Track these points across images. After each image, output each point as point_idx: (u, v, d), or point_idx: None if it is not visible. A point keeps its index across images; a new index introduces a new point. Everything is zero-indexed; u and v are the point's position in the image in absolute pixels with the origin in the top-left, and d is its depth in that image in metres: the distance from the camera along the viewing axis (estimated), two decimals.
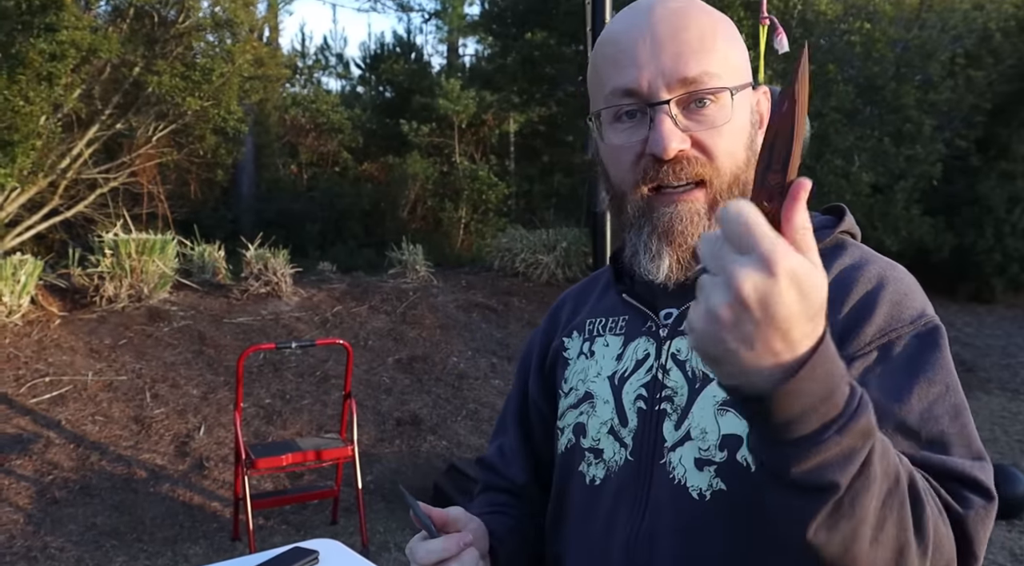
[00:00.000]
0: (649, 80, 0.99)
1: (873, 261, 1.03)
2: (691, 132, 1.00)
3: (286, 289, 7.76)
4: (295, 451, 4.38)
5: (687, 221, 1.00)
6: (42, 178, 7.54)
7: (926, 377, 0.93)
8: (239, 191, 11.56)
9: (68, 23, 6.15)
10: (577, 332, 1.19)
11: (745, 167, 1.02)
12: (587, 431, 1.11)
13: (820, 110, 8.47)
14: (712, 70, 0.99)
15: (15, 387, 5.88)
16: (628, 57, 1.00)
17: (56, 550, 4.57)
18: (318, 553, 2.29)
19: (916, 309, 0.97)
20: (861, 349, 0.94)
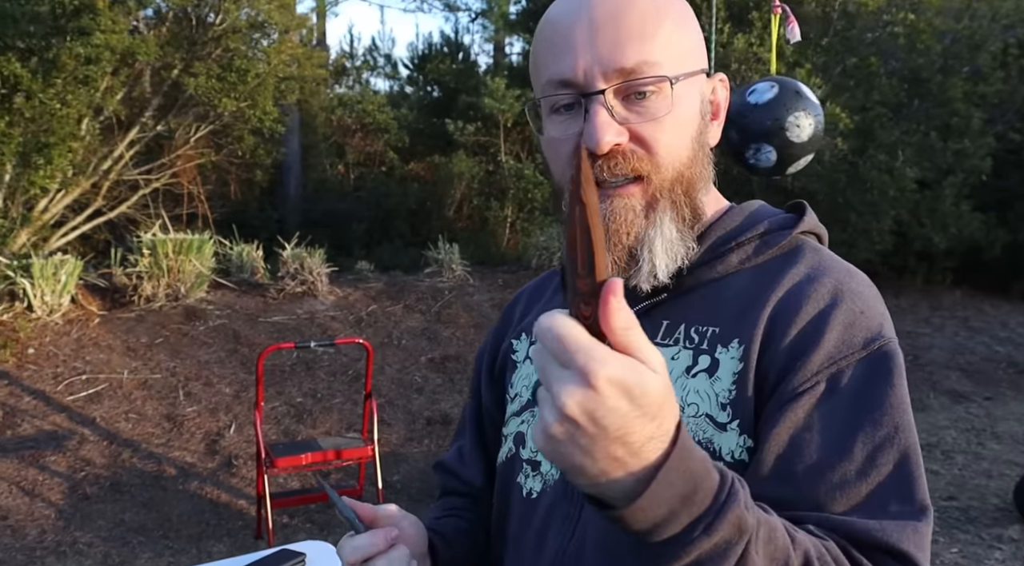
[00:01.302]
0: (585, 69, 0.92)
1: (828, 272, 0.95)
2: (629, 124, 0.93)
3: (322, 288, 7.81)
4: (315, 450, 4.38)
5: (621, 220, 0.94)
6: (85, 180, 7.69)
7: (872, 418, 0.87)
8: (286, 191, 11.66)
9: (105, 27, 6.25)
10: (526, 334, 1.15)
11: (690, 162, 0.96)
12: (526, 441, 1.07)
13: (864, 104, 8.27)
14: (653, 58, 0.92)
15: (53, 384, 6.00)
16: (565, 44, 0.94)
17: (84, 546, 4.64)
18: (305, 555, 2.28)
19: (871, 330, 0.91)
20: (808, 379, 0.88)
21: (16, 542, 4.64)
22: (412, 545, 1.04)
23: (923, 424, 6.38)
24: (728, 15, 8.09)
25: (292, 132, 11.09)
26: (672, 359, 0.95)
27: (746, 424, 0.90)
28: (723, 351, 0.93)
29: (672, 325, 0.98)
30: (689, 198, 0.96)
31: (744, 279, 0.97)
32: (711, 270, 0.99)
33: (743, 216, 1.04)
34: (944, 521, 4.83)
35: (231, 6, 7.61)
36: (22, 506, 4.95)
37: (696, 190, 0.97)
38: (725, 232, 1.01)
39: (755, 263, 0.99)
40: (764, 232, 1.01)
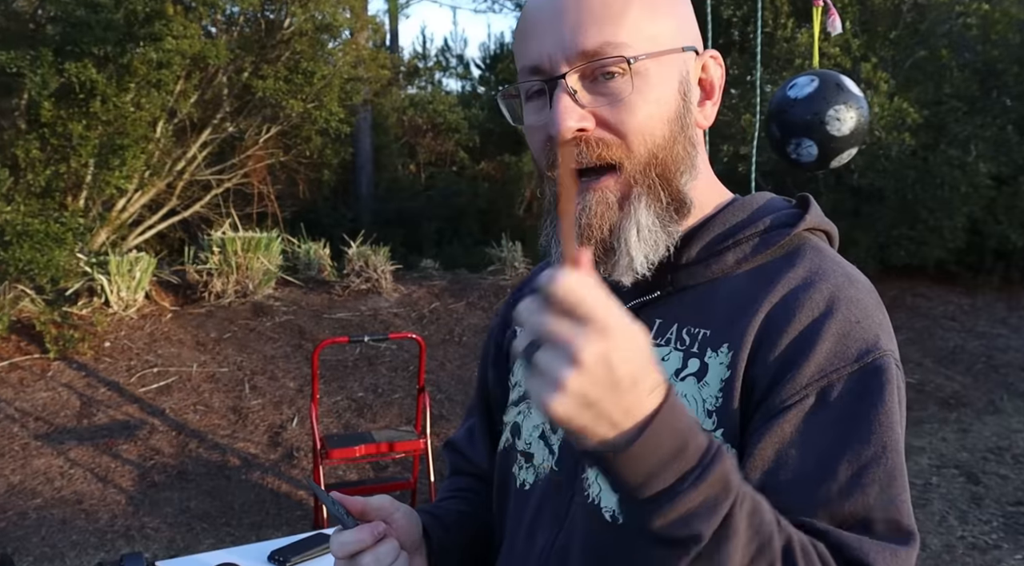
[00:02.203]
0: (550, 54, 0.90)
1: (826, 277, 0.91)
2: (595, 109, 0.90)
3: (386, 285, 7.95)
4: (368, 443, 4.48)
5: (594, 214, 0.91)
6: (160, 180, 7.97)
7: (860, 437, 0.84)
8: (358, 191, 11.87)
9: (176, 33, 6.48)
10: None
11: (666, 144, 0.92)
12: (521, 432, 1.07)
13: (935, 98, 8.05)
14: (617, 39, 0.89)
15: (126, 376, 6.25)
16: (532, 30, 0.93)
17: (152, 530, 4.83)
18: None
19: (866, 342, 0.87)
20: (797, 392, 0.85)
21: (89, 525, 4.85)
22: (404, 536, 1.03)
23: (995, 427, 6.20)
24: (792, 9, 7.97)
25: (364, 132, 11.29)
26: (662, 360, 0.93)
27: (730, 434, 0.88)
28: (712, 355, 0.91)
29: (664, 325, 0.96)
30: (666, 181, 0.92)
31: (740, 280, 0.94)
32: (706, 269, 0.96)
33: (744, 211, 0.99)
34: (1011, 527, 4.70)
35: (298, 9, 7.80)
36: (95, 491, 5.17)
37: (675, 173, 0.93)
38: (723, 229, 0.97)
39: (753, 263, 0.95)
40: (764, 230, 0.97)
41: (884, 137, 7.36)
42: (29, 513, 4.92)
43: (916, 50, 8.25)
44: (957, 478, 5.25)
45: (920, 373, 7.26)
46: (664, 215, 0.93)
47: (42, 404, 5.91)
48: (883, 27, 8.23)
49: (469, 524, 1.17)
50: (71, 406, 5.92)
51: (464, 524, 1.16)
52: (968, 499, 4.94)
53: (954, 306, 8.62)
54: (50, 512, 4.94)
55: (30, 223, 5.80)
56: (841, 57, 7.37)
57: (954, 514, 4.75)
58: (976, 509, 4.81)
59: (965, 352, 7.70)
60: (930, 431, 6.12)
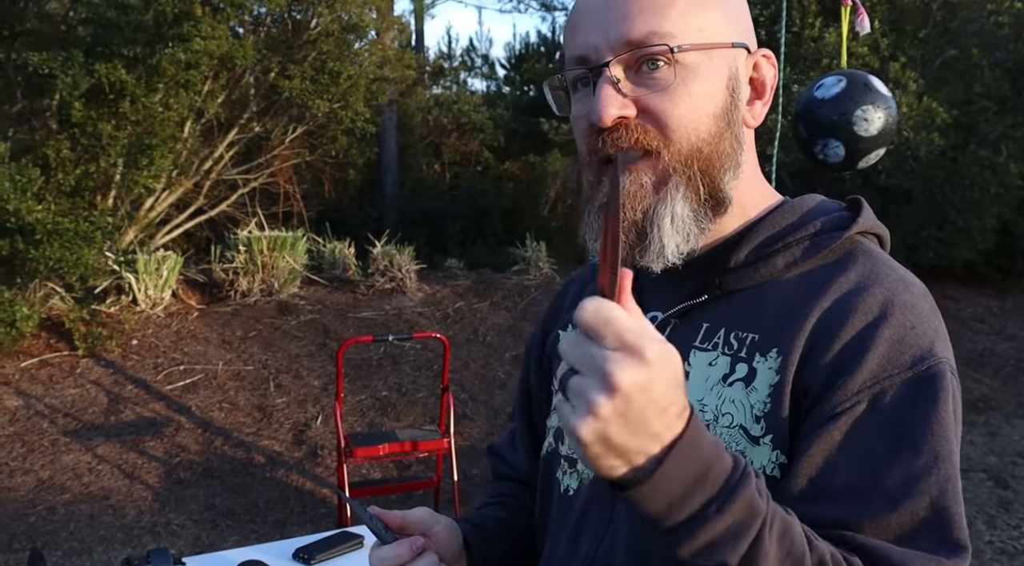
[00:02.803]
0: (596, 44, 0.90)
1: (879, 281, 0.89)
2: (638, 97, 0.90)
3: (411, 285, 7.97)
4: (392, 441, 4.50)
5: (628, 194, 0.90)
6: (188, 180, 8.04)
7: (912, 444, 0.82)
8: (383, 190, 11.92)
9: (205, 34, 6.53)
10: (572, 326, 1.14)
11: (710, 139, 0.91)
12: (565, 438, 1.05)
13: (965, 98, 7.96)
14: (663, 30, 0.88)
15: (153, 374, 6.31)
16: (581, 22, 0.93)
17: (177, 527, 4.87)
18: (363, 538, 2.36)
19: (920, 348, 0.85)
20: (849, 398, 0.84)
21: (116, 521, 4.90)
22: (444, 549, 1.03)
23: None
24: (819, 9, 7.91)
25: (390, 132, 11.33)
26: (710, 365, 0.92)
27: (779, 439, 0.86)
28: (761, 360, 0.89)
29: (712, 329, 0.94)
30: (708, 177, 0.91)
31: (790, 284, 0.92)
32: (755, 273, 0.94)
33: (794, 214, 0.97)
34: None
35: (325, 10, 7.84)
36: (123, 487, 5.22)
37: (718, 169, 0.92)
38: (773, 232, 0.96)
39: (803, 267, 0.93)
40: (814, 233, 0.95)
41: (913, 137, 7.28)
42: (58, 508, 4.98)
43: (946, 49, 8.17)
44: (985, 482, 5.19)
45: None
46: (700, 209, 0.92)
47: (71, 401, 5.98)
48: (912, 26, 8.15)
49: (509, 530, 1.16)
50: (99, 403, 5.99)
51: (504, 530, 1.16)
52: (996, 504, 4.89)
53: (983, 308, 8.52)
54: (78, 507, 5.00)
55: (60, 222, 5.87)
56: (869, 56, 7.31)
57: (982, 518, 4.70)
58: (1005, 514, 4.75)
59: (994, 355, 7.61)
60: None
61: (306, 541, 2.33)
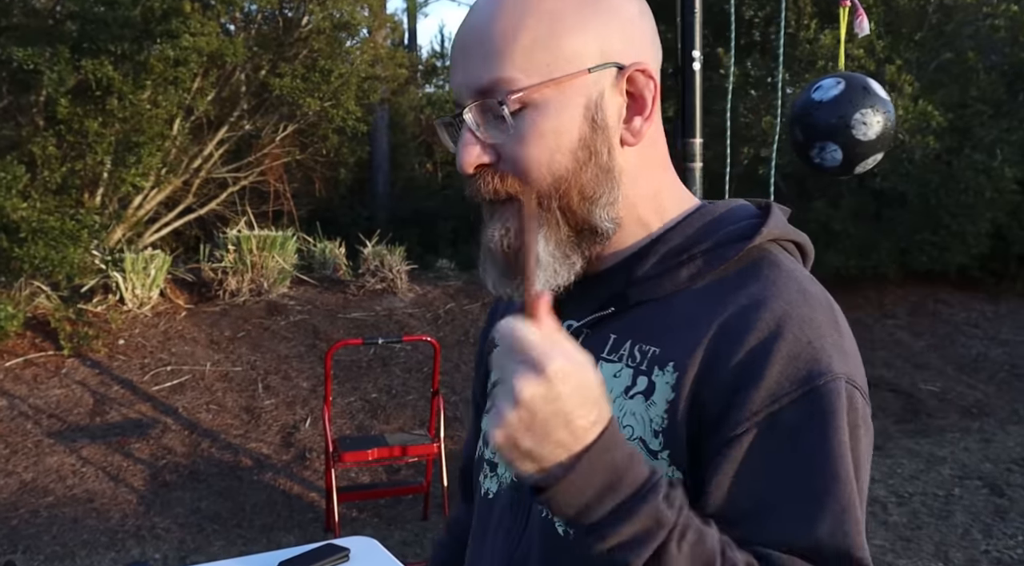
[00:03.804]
0: (458, 89, 0.93)
1: (779, 294, 0.88)
2: (495, 143, 0.91)
3: (401, 285, 7.90)
4: (382, 446, 4.44)
5: (497, 238, 0.92)
6: (177, 178, 7.96)
7: (810, 467, 0.83)
8: (375, 189, 11.87)
9: (194, 30, 6.46)
10: None
11: (569, 174, 0.90)
12: (488, 441, 1.06)
13: (960, 101, 7.93)
14: (506, 74, 0.88)
15: (140, 374, 6.23)
16: (452, 64, 0.95)
17: (162, 531, 4.80)
18: (348, 551, 2.31)
19: (816, 363, 0.84)
20: (748, 419, 0.84)
21: (100, 524, 4.83)
22: None
23: (1019, 437, 6.08)
24: (815, 10, 7.87)
25: (381, 131, 11.26)
26: (614, 377, 0.92)
27: (676, 455, 0.87)
28: (659, 374, 0.89)
29: (619, 340, 0.94)
30: (570, 213, 0.91)
31: (691, 297, 0.92)
32: (659, 285, 0.93)
33: (703, 223, 0.96)
34: None
35: (316, 8, 7.77)
36: (107, 490, 5.15)
37: (582, 201, 0.91)
38: (678, 242, 0.95)
39: (706, 279, 0.92)
40: (716, 243, 0.94)
41: (908, 140, 7.25)
42: (41, 511, 4.90)
43: (942, 52, 8.14)
44: (980, 490, 5.15)
45: (942, 381, 7.15)
46: (564, 245, 0.92)
47: (56, 401, 5.90)
48: (908, 28, 8.12)
49: None
50: (84, 404, 5.91)
51: None
52: (992, 512, 4.84)
53: (977, 313, 8.49)
54: (62, 510, 4.92)
55: (46, 220, 5.80)
56: (865, 59, 7.27)
57: (977, 527, 4.65)
58: (1000, 522, 4.71)
59: (988, 360, 7.58)
60: (952, 440, 6.01)
61: (291, 553, 2.27)
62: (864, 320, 8.01)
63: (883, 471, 5.42)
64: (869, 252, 8.03)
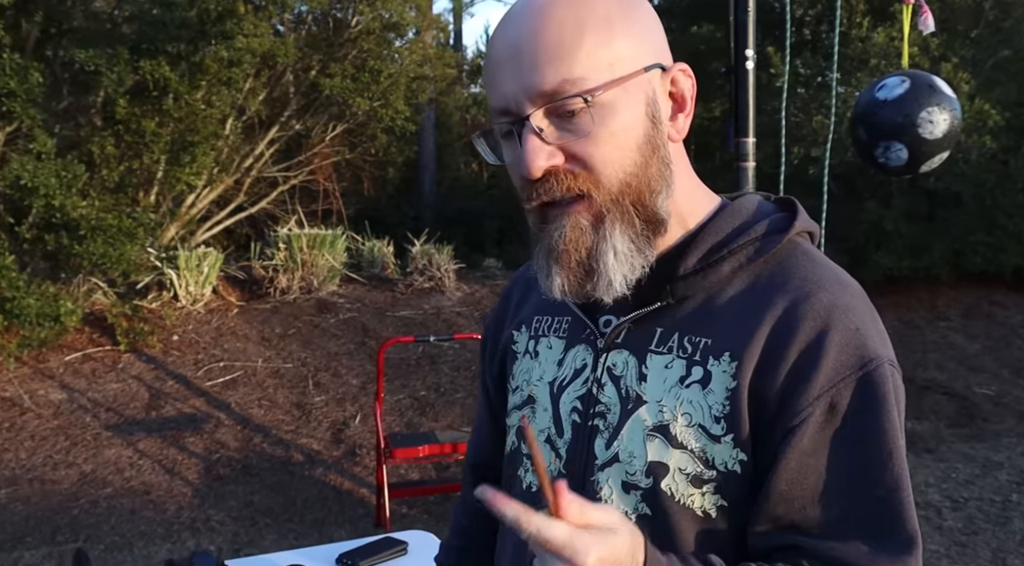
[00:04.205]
0: (513, 96, 0.93)
1: (822, 285, 0.95)
2: (563, 144, 0.93)
3: (449, 284, 7.95)
4: (432, 443, 4.48)
5: (569, 239, 0.94)
6: (228, 177, 8.08)
7: (867, 446, 0.91)
8: (421, 189, 11.94)
9: (247, 31, 6.56)
10: (525, 326, 1.16)
11: (637, 170, 0.94)
12: None
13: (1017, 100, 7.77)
14: (574, 75, 0.90)
15: (193, 370, 6.34)
16: (497, 72, 0.95)
17: (216, 523, 4.88)
18: (407, 544, 2.33)
19: (864, 349, 0.92)
20: (808, 405, 0.91)
21: (156, 516, 4.92)
22: None
23: None
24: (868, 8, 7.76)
25: (428, 131, 11.33)
26: (666, 367, 0.97)
27: (740, 439, 0.93)
28: (715, 364, 0.95)
29: (666, 333, 0.99)
30: (641, 206, 0.95)
31: (737, 289, 0.98)
32: (704, 280, 0.98)
33: (737, 219, 1.01)
34: None
35: (366, 8, 7.84)
36: (163, 483, 5.25)
37: (649, 196, 0.95)
38: (719, 239, 1.00)
39: (749, 272, 0.98)
40: (757, 238, 0.99)
41: (964, 140, 7.12)
42: (100, 502, 5.01)
43: (999, 49, 7.98)
44: None
45: (997, 384, 7.02)
46: (639, 239, 0.96)
47: (113, 395, 6.02)
48: (964, 25, 7.98)
49: None
50: (140, 398, 6.03)
51: None
52: None
53: None
54: (120, 502, 5.02)
55: (104, 218, 5.92)
56: (920, 57, 7.16)
57: None
58: None
59: None
60: (1008, 445, 5.90)
61: (350, 546, 2.30)
62: (916, 322, 7.89)
63: (937, 475, 5.34)
64: (921, 253, 7.90)
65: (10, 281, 5.66)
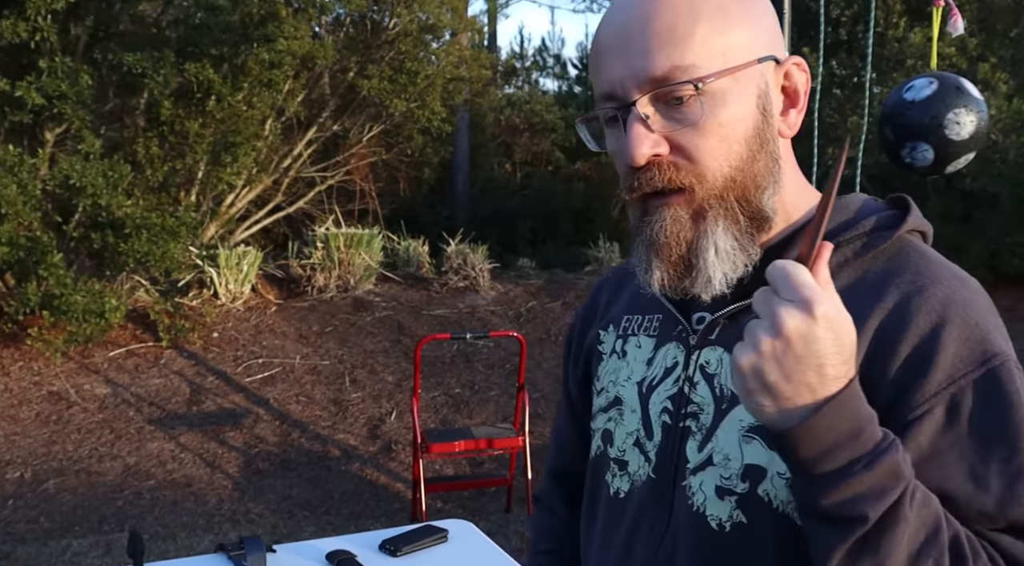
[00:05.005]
0: (621, 81, 0.90)
1: (937, 280, 0.90)
2: (669, 133, 0.90)
3: (483, 283, 8.03)
4: (468, 438, 4.55)
5: (669, 232, 0.91)
6: (267, 177, 8.23)
7: (1004, 443, 0.84)
8: (455, 189, 12.03)
9: (288, 34, 6.69)
10: (613, 326, 1.12)
11: (743, 164, 0.91)
12: (614, 440, 1.05)
13: None
14: (685, 62, 0.87)
15: (233, 366, 6.48)
16: (605, 57, 0.92)
17: (256, 515, 5.00)
18: (447, 531, 2.40)
19: (987, 345, 0.87)
20: (926, 401, 0.85)
21: (198, 507, 5.06)
22: None
23: None
24: (904, 8, 7.73)
25: (462, 132, 11.42)
26: None
27: None
28: None
29: None
30: (745, 202, 0.92)
31: (842, 284, 0.90)
32: None
33: (844, 214, 0.97)
34: None
35: (403, 11, 7.95)
36: (204, 476, 5.38)
37: (754, 191, 0.92)
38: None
39: (856, 267, 0.93)
40: (865, 233, 0.95)
41: (1002, 140, 7.08)
42: (144, 493, 5.15)
43: None
44: None
45: None
46: (743, 236, 0.92)
47: (155, 390, 6.17)
48: (1003, 25, 7.92)
49: None
50: (182, 393, 6.18)
51: None
52: None
53: None
54: (162, 494, 5.16)
55: (148, 217, 6.07)
56: (957, 57, 7.13)
57: None
58: None
59: None
60: None
61: (392, 533, 2.37)
62: None
63: None
64: (957, 255, 7.85)
65: (58, 278, 5.83)
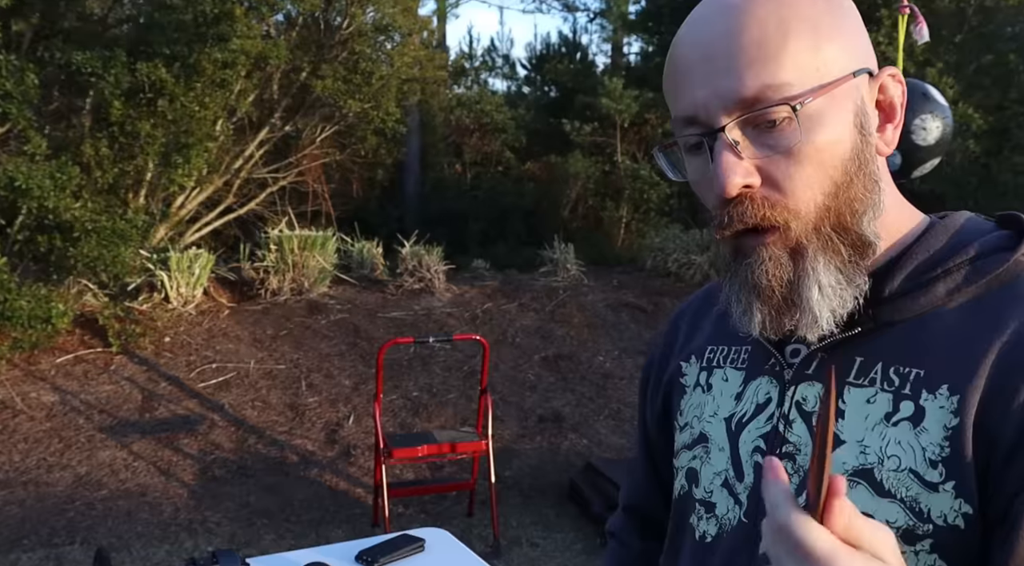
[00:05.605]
0: (705, 104, 0.82)
1: None
2: (760, 161, 0.82)
3: (439, 285, 7.99)
4: (431, 443, 4.51)
5: (770, 274, 0.84)
6: (218, 178, 8.09)
7: None
8: (404, 190, 11.96)
9: (241, 33, 6.57)
10: (696, 358, 1.04)
11: (838, 190, 0.83)
12: (700, 479, 0.99)
13: (999, 103, 7.91)
14: (778, 81, 0.79)
15: (186, 372, 6.35)
16: (684, 77, 0.84)
17: (213, 524, 4.90)
18: (424, 541, 2.38)
19: None
20: None
21: (153, 518, 4.94)
22: None
23: None
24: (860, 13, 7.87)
25: (412, 132, 11.35)
26: (867, 402, 0.84)
27: (963, 488, 0.78)
28: (929, 398, 0.81)
29: (867, 363, 0.86)
30: (844, 231, 0.84)
31: (955, 314, 0.83)
32: (914, 302, 0.85)
33: (948, 235, 0.88)
34: None
35: (357, 10, 7.87)
36: (158, 484, 5.26)
37: (854, 217, 0.84)
38: (928, 256, 0.87)
39: (966, 295, 0.84)
40: (975, 256, 0.85)
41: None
42: (96, 504, 5.02)
43: (981, 54, 8.12)
44: None
45: None
46: (847, 267, 0.84)
47: (106, 397, 6.02)
48: (948, 31, 8.10)
49: None
50: (133, 399, 6.03)
51: None
52: None
53: None
54: (116, 503, 5.03)
55: (98, 220, 5.92)
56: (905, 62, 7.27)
57: None
58: None
59: None
60: None
61: (368, 543, 2.34)
62: None
63: None
64: None
65: (1, 283, 5.65)
